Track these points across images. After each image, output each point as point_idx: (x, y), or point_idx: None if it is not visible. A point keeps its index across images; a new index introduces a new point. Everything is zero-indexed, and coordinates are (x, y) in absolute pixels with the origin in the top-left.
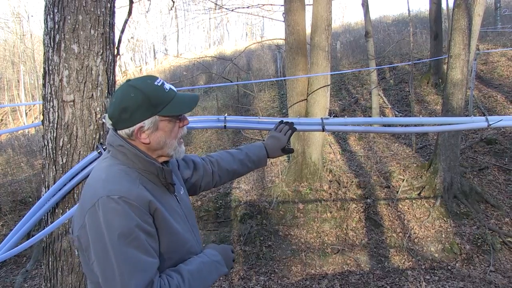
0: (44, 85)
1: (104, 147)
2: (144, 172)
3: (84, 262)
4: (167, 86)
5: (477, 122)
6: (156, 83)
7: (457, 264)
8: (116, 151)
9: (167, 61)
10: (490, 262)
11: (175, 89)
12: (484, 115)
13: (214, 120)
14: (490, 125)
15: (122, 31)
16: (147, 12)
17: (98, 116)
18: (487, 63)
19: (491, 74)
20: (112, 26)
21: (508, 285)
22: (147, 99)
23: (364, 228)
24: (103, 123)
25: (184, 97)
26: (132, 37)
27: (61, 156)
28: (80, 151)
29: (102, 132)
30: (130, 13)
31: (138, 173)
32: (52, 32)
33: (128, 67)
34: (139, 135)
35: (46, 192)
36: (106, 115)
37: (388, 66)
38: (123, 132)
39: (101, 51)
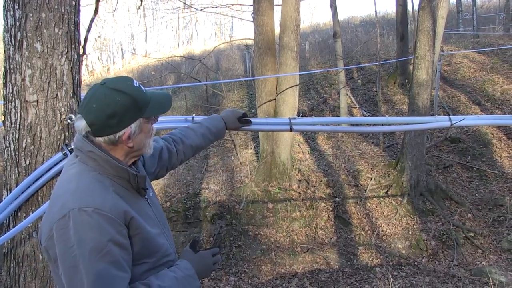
0: (5, 84)
1: (69, 148)
2: (116, 178)
3: (54, 272)
4: (142, 87)
5: (441, 121)
6: (135, 84)
7: (423, 260)
8: (86, 156)
9: (135, 61)
10: (454, 256)
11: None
12: (448, 115)
13: (182, 120)
14: (453, 124)
15: (89, 30)
16: (114, 11)
17: (63, 116)
18: (450, 64)
19: (454, 75)
20: (77, 24)
21: (470, 277)
22: (134, 102)
23: (333, 227)
24: (68, 123)
25: (158, 96)
26: (99, 36)
27: (24, 158)
28: (44, 153)
29: (67, 133)
30: (96, 11)
31: (110, 179)
32: (13, 30)
33: (95, 67)
34: (127, 140)
35: (8, 195)
36: (78, 122)
37: (356, 66)
38: (105, 138)
39: (66, 50)
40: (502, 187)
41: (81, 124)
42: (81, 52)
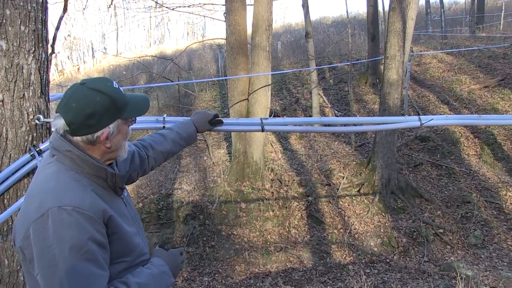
0: None
1: (37, 150)
2: (93, 177)
3: (28, 273)
4: (121, 88)
5: (411, 121)
6: (114, 85)
7: (394, 257)
8: (63, 156)
9: (106, 60)
10: (424, 253)
11: None
12: (418, 114)
13: (153, 121)
14: (422, 124)
15: (57, 28)
16: (84, 9)
17: (31, 117)
18: (420, 64)
19: (424, 75)
20: (45, 22)
21: (439, 273)
22: (113, 103)
23: (306, 226)
24: (36, 124)
25: (136, 98)
26: (68, 35)
27: None
28: (10, 154)
29: (35, 134)
30: (65, 9)
31: (88, 178)
32: None
33: (65, 66)
34: (105, 141)
35: None
36: (56, 121)
37: (328, 66)
38: (83, 138)
39: (33, 49)
40: (470, 185)
41: (59, 122)
42: (50, 51)
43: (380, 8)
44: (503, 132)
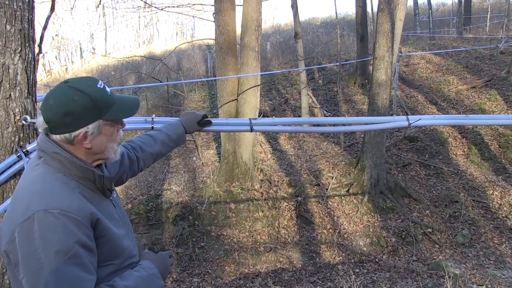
0: None
1: (24, 151)
2: (81, 179)
3: (13, 276)
4: (108, 88)
5: (399, 121)
6: (98, 85)
7: (384, 256)
8: (50, 158)
9: (95, 60)
10: (413, 252)
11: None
12: (407, 115)
13: (141, 121)
14: (410, 124)
15: (45, 28)
16: (72, 8)
17: (17, 117)
18: (408, 65)
19: (412, 76)
20: (31, 22)
21: (428, 271)
22: (92, 103)
23: (296, 226)
24: (23, 124)
25: (125, 100)
26: (56, 35)
27: None
28: None
29: (22, 135)
30: (53, 8)
31: (76, 181)
32: None
33: (53, 66)
34: (83, 140)
35: None
36: (39, 119)
37: (317, 66)
38: (61, 136)
39: (20, 49)
40: (457, 184)
41: (39, 120)
42: (37, 50)
43: (369, 9)
44: (490, 132)
